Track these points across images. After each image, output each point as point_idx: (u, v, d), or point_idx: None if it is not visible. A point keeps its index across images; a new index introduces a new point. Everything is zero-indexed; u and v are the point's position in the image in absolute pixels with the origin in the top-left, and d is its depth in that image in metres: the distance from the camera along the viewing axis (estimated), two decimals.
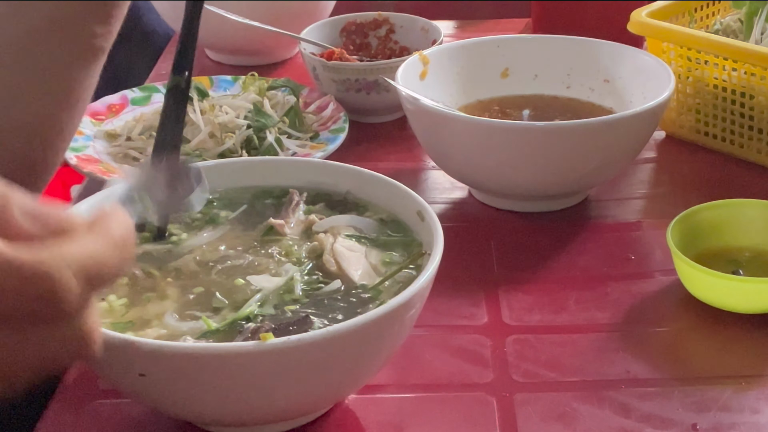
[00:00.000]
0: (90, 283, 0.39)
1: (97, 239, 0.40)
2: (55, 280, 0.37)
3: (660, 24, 1.04)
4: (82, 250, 0.39)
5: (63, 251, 0.38)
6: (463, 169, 0.93)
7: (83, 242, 0.39)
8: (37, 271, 0.37)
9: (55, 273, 0.37)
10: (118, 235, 0.41)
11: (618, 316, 0.79)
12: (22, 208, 0.38)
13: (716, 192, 0.92)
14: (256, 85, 1.11)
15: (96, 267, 0.39)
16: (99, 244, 0.40)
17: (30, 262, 0.37)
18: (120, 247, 0.40)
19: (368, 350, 0.62)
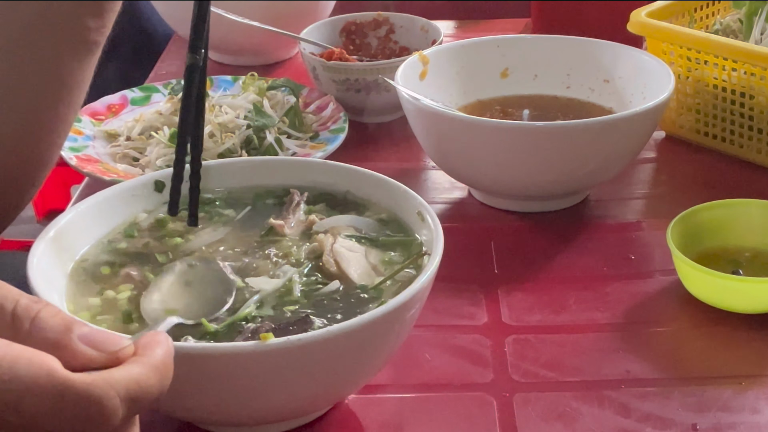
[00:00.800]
0: (133, 404, 0.44)
1: (142, 366, 0.45)
2: (103, 404, 0.42)
3: (660, 24, 1.04)
4: (128, 376, 0.44)
5: (113, 377, 0.43)
6: (463, 169, 0.93)
7: (130, 369, 0.44)
8: (91, 395, 0.42)
9: (104, 397, 0.42)
10: (160, 360, 0.46)
11: (618, 316, 0.79)
12: (82, 335, 0.44)
13: (716, 192, 0.92)
14: (256, 85, 1.11)
15: (139, 391, 0.44)
16: (144, 370, 0.45)
17: (82, 386, 0.42)
18: (161, 372, 0.45)
19: (368, 350, 0.62)
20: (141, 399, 0.44)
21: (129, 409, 0.44)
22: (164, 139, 1.03)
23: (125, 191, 0.75)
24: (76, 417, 0.42)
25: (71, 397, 0.42)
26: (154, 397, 0.45)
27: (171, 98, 1.10)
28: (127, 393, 0.43)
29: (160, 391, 0.45)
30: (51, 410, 0.42)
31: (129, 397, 0.43)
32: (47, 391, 0.41)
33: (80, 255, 0.71)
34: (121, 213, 0.75)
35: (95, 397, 0.42)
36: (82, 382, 0.42)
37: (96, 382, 0.43)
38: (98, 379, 0.43)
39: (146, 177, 0.77)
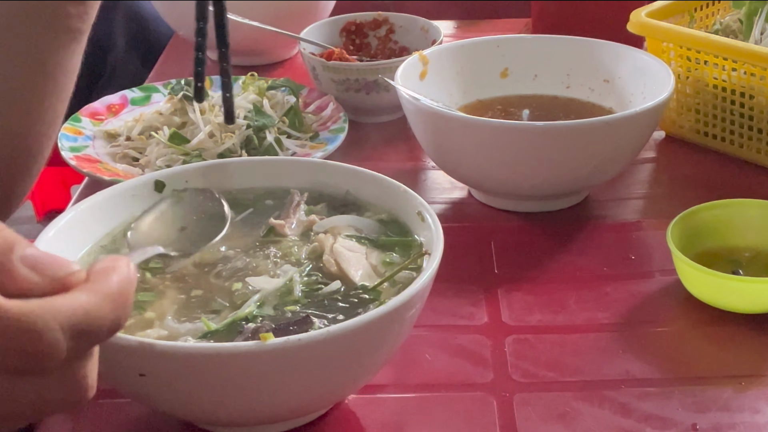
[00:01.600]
0: (81, 338, 0.38)
1: (92, 293, 0.39)
2: (41, 336, 0.37)
3: (660, 24, 1.04)
4: (74, 304, 0.38)
5: (53, 305, 0.38)
6: (463, 169, 0.93)
7: (76, 296, 0.39)
8: (22, 325, 0.37)
9: (42, 328, 0.37)
10: (116, 289, 0.40)
11: (618, 316, 0.79)
12: (24, 257, 0.38)
13: (716, 192, 0.92)
14: (255, 85, 1.11)
15: (87, 322, 0.38)
16: (94, 299, 0.39)
17: (16, 314, 0.37)
18: (116, 301, 0.40)
19: (368, 350, 0.62)
20: (90, 332, 0.39)
21: (76, 344, 0.38)
22: (164, 139, 1.03)
23: (125, 191, 0.75)
24: (10, 350, 0.37)
25: (2, 327, 0.37)
26: (106, 330, 0.39)
27: (171, 98, 1.10)
28: (71, 324, 0.38)
29: (113, 324, 0.40)
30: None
31: (74, 329, 0.38)
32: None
33: (80, 255, 0.71)
34: (121, 213, 0.75)
35: (31, 326, 0.37)
36: (17, 309, 0.37)
37: (33, 310, 0.37)
38: (36, 307, 0.37)
39: (146, 177, 0.77)
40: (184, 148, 1.02)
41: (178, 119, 1.07)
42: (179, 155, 1.01)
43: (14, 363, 0.37)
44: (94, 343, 0.39)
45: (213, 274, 0.70)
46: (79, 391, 0.40)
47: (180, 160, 1.00)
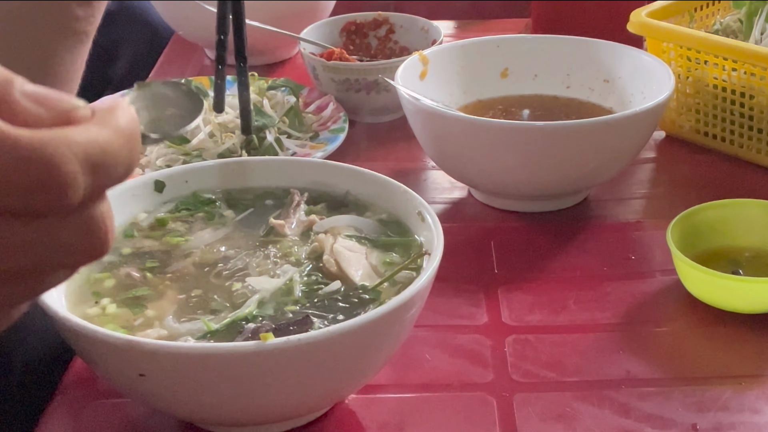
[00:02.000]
0: (98, 174, 0.34)
1: (104, 128, 0.35)
2: (60, 168, 0.33)
3: (660, 24, 1.04)
4: (88, 136, 0.34)
5: (67, 135, 0.34)
6: (463, 169, 0.93)
7: (89, 129, 0.35)
8: (38, 154, 0.33)
9: (57, 158, 0.33)
10: (125, 125, 0.36)
11: (618, 316, 0.79)
12: (24, 92, 0.34)
13: (716, 192, 0.92)
14: (255, 85, 1.11)
15: (103, 156, 0.35)
16: (107, 133, 0.35)
17: (29, 144, 0.33)
18: (128, 138, 0.36)
19: (368, 350, 0.62)
20: (106, 167, 0.35)
21: (93, 180, 0.34)
22: None
23: (125, 191, 0.75)
24: (25, 186, 0.33)
25: (15, 158, 0.32)
26: (122, 169, 0.36)
27: None
28: (87, 157, 0.34)
29: (128, 162, 0.36)
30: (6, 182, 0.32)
31: (91, 162, 0.34)
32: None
33: None
34: (121, 213, 0.75)
35: (48, 157, 0.33)
36: (28, 138, 0.32)
37: (47, 140, 0.33)
38: (49, 137, 0.33)
39: (146, 177, 0.77)
40: (184, 148, 1.02)
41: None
42: (179, 155, 1.01)
43: (30, 201, 0.33)
44: (110, 182, 0.36)
45: (213, 274, 0.70)
46: (100, 235, 0.36)
47: (180, 160, 1.00)
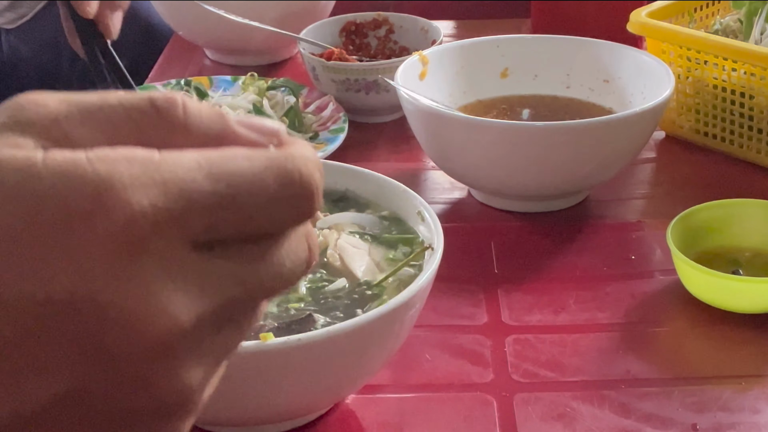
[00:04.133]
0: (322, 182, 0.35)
1: (307, 147, 0.35)
2: (308, 176, 0.34)
3: (660, 24, 1.04)
4: (310, 152, 0.35)
5: (300, 151, 0.34)
6: (463, 169, 0.93)
7: (306, 145, 0.35)
8: (290, 166, 0.33)
9: (305, 169, 0.34)
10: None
11: (618, 316, 0.79)
12: (238, 121, 0.35)
13: (716, 192, 0.92)
14: (255, 85, 1.11)
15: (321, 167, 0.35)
16: (311, 149, 0.36)
17: (278, 157, 0.34)
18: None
19: (368, 350, 0.62)
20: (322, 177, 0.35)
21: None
22: None
23: None
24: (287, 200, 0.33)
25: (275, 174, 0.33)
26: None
27: None
28: (318, 166, 0.35)
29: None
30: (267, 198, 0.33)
31: (321, 172, 0.35)
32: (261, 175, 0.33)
33: None
34: None
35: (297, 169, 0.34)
36: (277, 154, 0.34)
37: (290, 154, 0.34)
38: (290, 153, 0.34)
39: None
40: None
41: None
42: None
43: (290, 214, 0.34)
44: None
45: None
46: (312, 251, 0.37)
47: None
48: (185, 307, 0.32)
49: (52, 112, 0.33)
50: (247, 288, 0.34)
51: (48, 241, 0.31)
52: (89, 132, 0.33)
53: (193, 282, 0.33)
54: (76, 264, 0.31)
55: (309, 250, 0.36)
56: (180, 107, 0.34)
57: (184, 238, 0.32)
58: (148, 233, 0.31)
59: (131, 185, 0.31)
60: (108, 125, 0.33)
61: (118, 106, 0.34)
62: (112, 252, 0.31)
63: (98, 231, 0.31)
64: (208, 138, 0.34)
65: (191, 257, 0.33)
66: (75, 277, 0.31)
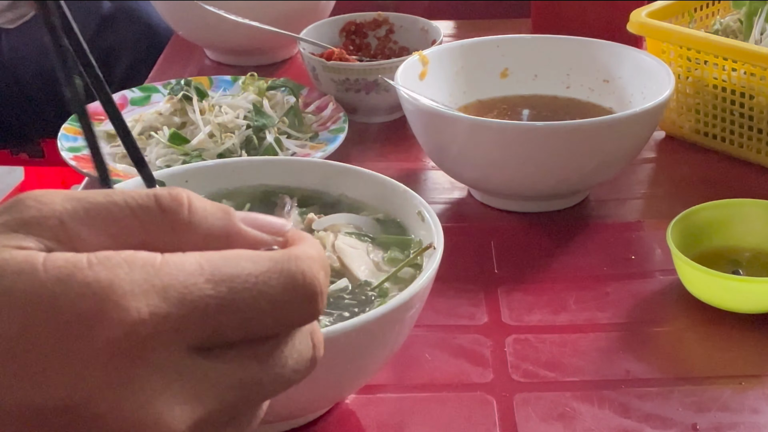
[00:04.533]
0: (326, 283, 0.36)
1: (315, 246, 0.36)
2: (312, 277, 0.34)
3: (660, 24, 1.04)
4: (318, 251, 0.35)
5: (305, 251, 0.35)
6: (463, 169, 0.93)
7: (313, 244, 0.36)
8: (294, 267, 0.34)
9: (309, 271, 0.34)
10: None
11: (618, 316, 0.79)
12: (244, 219, 0.35)
13: (716, 192, 0.92)
14: (255, 85, 1.11)
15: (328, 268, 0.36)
16: (318, 248, 0.36)
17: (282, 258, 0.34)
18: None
19: (368, 350, 0.62)
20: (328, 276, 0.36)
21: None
22: (164, 139, 1.03)
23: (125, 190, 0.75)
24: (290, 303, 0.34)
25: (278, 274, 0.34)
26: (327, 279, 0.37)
27: (171, 98, 1.10)
28: (324, 266, 0.35)
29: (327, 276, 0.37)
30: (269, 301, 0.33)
31: (326, 273, 0.36)
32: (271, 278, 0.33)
33: None
34: None
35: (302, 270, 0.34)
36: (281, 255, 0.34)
37: (296, 256, 0.34)
38: (296, 254, 0.34)
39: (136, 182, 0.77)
40: (184, 148, 1.02)
41: (178, 119, 1.07)
42: (179, 155, 1.01)
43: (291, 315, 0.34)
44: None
45: None
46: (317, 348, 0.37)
47: (180, 160, 1.00)
48: (182, 417, 0.32)
49: (57, 211, 0.33)
50: (249, 391, 0.34)
51: (45, 349, 0.31)
52: (94, 231, 0.33)
53: (191, 388, 0.32)
54: (74, 372, 0.31)
55: (313, 347, 0.36)
56: (185, 206, 0.34)
57: (184, 342, 0.32)
58: (147, 341, 0.31)
59: (131, 291, 0.31)
60: (113, 224, 0.33)
61: (124, 206, 0.34)
62: (109, 360, 0.31)
63: (96, 339, 0.31)
64: (212, 235, 0.34)
65: (189, 362, 0.32)
66: (72, 385, 0.31)
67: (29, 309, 0.31)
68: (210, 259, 0.33)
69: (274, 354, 0.35)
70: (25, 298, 0.31)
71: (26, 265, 0.31)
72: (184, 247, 0.34)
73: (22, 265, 0.31)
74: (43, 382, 0.31)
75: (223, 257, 0.33)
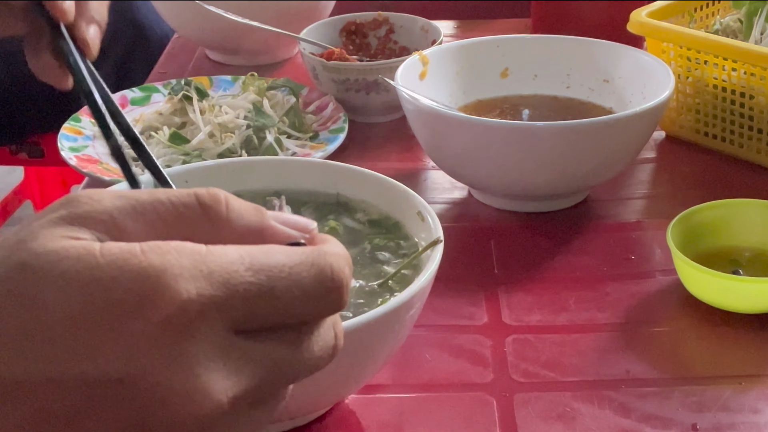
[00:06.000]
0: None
1: (338, 244, 0.39)
2: (339, 271, 0.37)
3: (660, 24, 1.04)
4: (342, 249, 0.39)
5: (333, 248, 0.38)
6: (463, 169, 0.93)
7: (336, 242, 0.39)
8: (323, 262, 0.37)
9: (335, 265, 0.37)
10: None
11: (618, 316, 0.79)
12: (275, 217, 0.39)
13: (716, 192, 0.92)
14: (255, 85, 1.11)
15: (350, 263, 0.39)
16: (341, 247, 0.39)
17: (313, 253, 0.37)
18: None
19: (368, 350, 0.62)
20: (352, 272, 0.39)
21: None
22: (164, 139, 1.03)
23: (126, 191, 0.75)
24: (319, 292, 0.37)
25: (313, 274, 0.37)
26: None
27: (171, 98, 1.10)
28: (348, 262, 0.39)
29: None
30: (301, 289, 0.36)
31: (351, 268, 0.39)
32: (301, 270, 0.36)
33: None
34: None
35: (330, 265, 0.37)
36: (311, 251, 0.37)
37: (324, 252, 0.37)
38: (324, 250, 0.38)
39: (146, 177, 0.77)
40: (184, 148, 1.02)
41: (178, 119, 1.07)
42: (179, 155, 1.01)
43: (321, 308, 0.38)
44: None
45: None
46: (338, 340, 0.40)
47: (180, 160, 1.00)
48: (225, 388, 0.35)
49: (107, 207, 0.36)
50: (280, 372, 0.37)
51: (103, 325, 0.33)
52: (141, 225, 0.36)
53: (233, 364, 0.35)
54: (129, 346, 0.34)
55: (335, 337, 0.40)
56: (223, 203, 0.37)
57: (226, 323, 0.35)
58: (194, 319, 0.34)
59: (180, 275, 0.34)
60: (158, 219, 0.37)
61: (167, 203, 0.37)
62: (161, 336, 0.34)
63: (150, 316, 0.34)
64: (247, 231, 0.38)
65: (232, 341, 0.35)
66: (127, 358, 0.34)
67: (89, 290, 0.34)
68: (249, 251, 0.36)
69: (303, 340, 0.38)
70: (84, 280, 0.34)
71: (84, 252, 0.34)
72: (223, 240, 0.37)
73: (80, 251, 0.34)
74: (100, 355, 0.33)
75: (261, 250, 0.36)
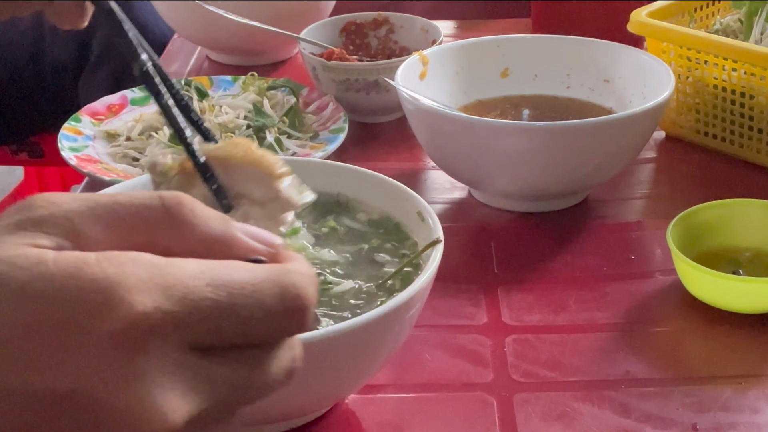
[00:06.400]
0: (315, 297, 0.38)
1: (304, 263, 0.38)
2: (304, 289, 0.36)
3: (660, 24, 1.04)
4: (308, 269, 0.37)
5: (298, 266, 0.37)
6: (463, 169, 0.93)
7: (303, 261, 0.38)
8: (287, 280, 0.36)
9: (300, 284, 0.36)
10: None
11: (618, 316, 0.79)
12: (241, 229, 0.37)
13: (716, 192, 0.92)
14: (255, 85, 1.11)
15: (316, 283, 0.38)
16: (308, 266, 0.38)
17: (278, 270, 0.36)
18: None
19: (368, 350, 0.62)
20: (316, 292, 0.38)
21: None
22: (164, 139, 1.03)
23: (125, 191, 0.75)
24: (281, 313, 0.36)
25: (276, 291, 0.36)
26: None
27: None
28: (314, 282, 0.37)
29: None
30: (263, 308, 0.35)
31: (315, 288, 0.37)
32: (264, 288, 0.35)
33: None
34: None
35: (293, 283, 0.36)
36: (276, 267, 0.36)
37: (288, 270, 0.36)
38: (289, 268, 0.36)
39: (146, 177, 0.77)
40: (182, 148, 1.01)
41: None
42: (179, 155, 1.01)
43: (279, 326, 0.36)
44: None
45: None
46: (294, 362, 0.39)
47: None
48: (178, 408, 0.34)
49: (65, 210, 0.35)
50: (236, 393, 0.36)
51: (54, 338, 0.32)
52: (100, 228, 0.35)
53: (188, 383, 0.34)
54: (79, 361, 0.32)
55: (294, 360, 0.38)
56: (187, 207, 0.36)
57: (183, 340, 0.34)
58: (149, 334, 0.33)
59: (135, 287, 0.33)
60: (117, 222, 0.35)
61: (128, 204, 0.36)
62: (113, 351, 0.33)
63: (102, 330, 0.32)
64: (211, 238, 0.36)
65: (188, 359, 0.34)
66: (77, 373, 0.32)
67: (40, 301, 0.33)
68: (211, 266, 0.35)
69: (262, 361, 0.36)
70: (36, 290, 0.33)
71: (37, 261, 0.33)
72: (185, 246, 0.35)
73: (34, 260, 0.33)
74: (50, 368, 0.32)
75: (223, 265, 0.35)
